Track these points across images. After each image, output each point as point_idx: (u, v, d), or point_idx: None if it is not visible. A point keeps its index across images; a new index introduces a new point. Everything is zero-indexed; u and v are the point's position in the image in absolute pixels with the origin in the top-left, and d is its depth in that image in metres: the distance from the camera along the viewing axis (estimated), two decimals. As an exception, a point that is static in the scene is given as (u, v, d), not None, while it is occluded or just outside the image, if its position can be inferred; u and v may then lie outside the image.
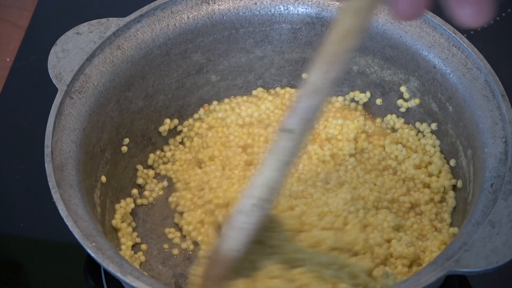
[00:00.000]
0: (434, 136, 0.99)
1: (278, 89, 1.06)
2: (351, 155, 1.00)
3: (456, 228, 0.91)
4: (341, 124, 1.01)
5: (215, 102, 1.05)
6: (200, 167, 1.00)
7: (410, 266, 0.90)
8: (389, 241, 0.91)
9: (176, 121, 1.03)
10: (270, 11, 1.00)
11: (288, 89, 1.06)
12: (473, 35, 1.16)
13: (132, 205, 0.97)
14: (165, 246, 0.95)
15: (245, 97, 1.05)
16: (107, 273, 0.91)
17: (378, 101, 1.03)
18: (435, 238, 0.91)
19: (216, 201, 0.95)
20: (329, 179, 0.98)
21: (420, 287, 0.76)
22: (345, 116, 1.03)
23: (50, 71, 0.92)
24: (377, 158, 0.99)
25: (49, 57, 0.93)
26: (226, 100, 1.05)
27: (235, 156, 1.00)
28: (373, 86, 1.03)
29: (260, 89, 1.05)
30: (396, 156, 0.99)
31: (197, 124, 1.03)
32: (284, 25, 1.01)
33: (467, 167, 0.92)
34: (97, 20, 0.96)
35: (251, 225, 0.81)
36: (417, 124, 1.00)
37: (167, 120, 1.02)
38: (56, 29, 0.99)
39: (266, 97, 1.05)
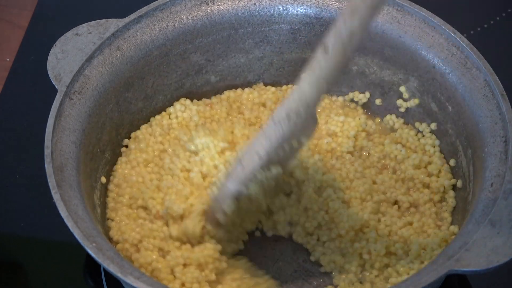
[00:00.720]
0: (433, 136, 0.99)
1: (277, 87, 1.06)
2: (348, 152, 1.00)
3: (456, 226, 0.91)
4: (343, 121, 1.01)
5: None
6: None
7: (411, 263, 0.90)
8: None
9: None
10: (269, 11, 1.00)
11: (290, 85, 1.06)
12: (473, 35, 1.16)
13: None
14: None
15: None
16: (107, 273, 0.91)
17: (378, 101, 1.03)
18: (436, 236, 0.91)
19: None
20: (323, 161, 0.98)
21: (420, 287, 0.76)
22: (346, 114, 1.03)
23: (49, 72, 0.92)
24: (377, 156, 0.99)
25: (48, 58, 0.93)
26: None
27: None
28: (372, 86, 1.03)
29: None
30: (396, 156, 0.99)
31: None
32: (283, 26, 1.01)
33: (467, 166, 0.92)
34: (96, 21, 0.96)
35: (281, 136, 0.82)
36: (417, 124, 1.00)
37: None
38: (55, 30, 0.99)
39: (269, 88, 1.06)
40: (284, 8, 1.00)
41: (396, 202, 0.95)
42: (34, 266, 0.98)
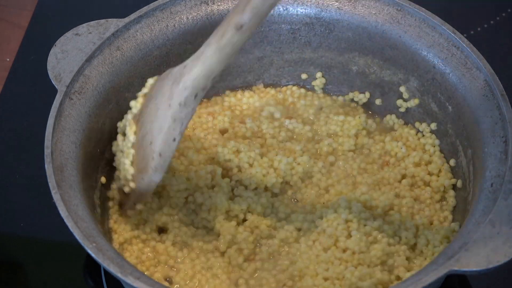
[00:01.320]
0: (433, 136, 0.99)
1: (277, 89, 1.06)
2: (350, 151, 1.00)
3: (457, 223, 0.91)
4: (343, 120, 1.01)
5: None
6: None
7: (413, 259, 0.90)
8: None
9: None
10: (269, 11, 1.00)
11: (290, 86, 1.06)
12: (473, 35, 1.16)
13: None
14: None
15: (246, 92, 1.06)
16: (107, 273, 0.91)
17: (378, 101, 1.03)
18: (438, 233, 0.91)
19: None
20: (326, 167, 0.98)
21: (420, 287, 0.76)
22: (347, 113, 1.03)
23: (49, 72, 0.92)
24: (377, 153, 0.99)
25: (48, 58, 0.93)
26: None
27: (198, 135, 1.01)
28: (372, 86, 1.03)
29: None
30: (396, 154, 0.99)
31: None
32: (283, 26, 1.01)
33: (467, 166, 0.93)
34: (96, 21, 0.96)
35: (192, 114, 0.84)
36: (417, 124, 1.00)
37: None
38: (55, 30, 0.99)
39: (269, 90, 1.05)
40: (284, 8, 1.00)
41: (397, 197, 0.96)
42: (34, 266, 0.98)
